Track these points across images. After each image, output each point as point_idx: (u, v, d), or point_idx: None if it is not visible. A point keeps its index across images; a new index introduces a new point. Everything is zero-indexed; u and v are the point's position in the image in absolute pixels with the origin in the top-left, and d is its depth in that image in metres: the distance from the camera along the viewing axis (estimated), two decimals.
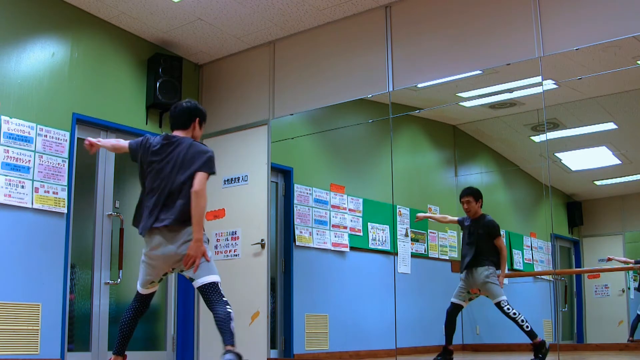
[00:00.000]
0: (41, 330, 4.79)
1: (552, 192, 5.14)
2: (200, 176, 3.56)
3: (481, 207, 5.28)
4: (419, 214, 5.94)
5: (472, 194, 5.29)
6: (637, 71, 4.59)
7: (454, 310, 5.09)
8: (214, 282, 3.57)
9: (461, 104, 5.68)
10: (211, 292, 3.56)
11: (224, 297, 3.56)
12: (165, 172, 3.63)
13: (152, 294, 3.80)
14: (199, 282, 3.57)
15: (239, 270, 5.81)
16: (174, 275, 6.00)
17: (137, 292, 3.77)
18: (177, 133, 3.78)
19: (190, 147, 3.65)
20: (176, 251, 3.56)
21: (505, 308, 4.85)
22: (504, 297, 4.91)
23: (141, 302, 3.78)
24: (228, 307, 3.51)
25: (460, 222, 5.46)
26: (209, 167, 3.62)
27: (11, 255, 4.73)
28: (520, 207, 6.69)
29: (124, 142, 3.88)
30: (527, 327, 4.75)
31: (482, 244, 5.12)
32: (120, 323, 3.73)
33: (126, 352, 3.79)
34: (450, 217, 5.66)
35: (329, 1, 5.30)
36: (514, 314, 4.81)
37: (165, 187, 3.61)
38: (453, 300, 5.12)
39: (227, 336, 3.44)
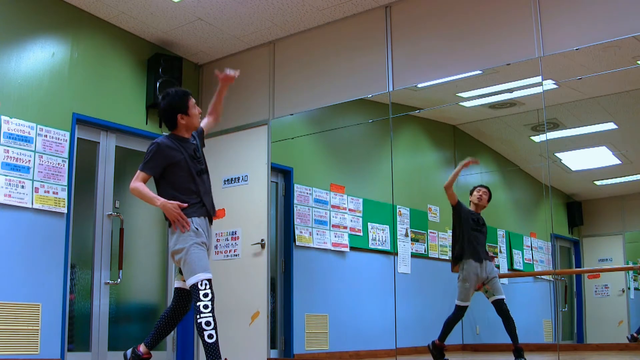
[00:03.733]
0: (41, 330, 4.79)
1: (552, 192, 5.14)
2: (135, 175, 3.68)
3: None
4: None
5: (489, 190, 5.26)
6: (637, 71, 4.59)
7: (462, 315, 4.97)
8: (194, 285, 3.43)
9: (461, 104, 5.68)
10: (193, 296, 3.45)
11: (198, 300, 3.37)
12: None
13: (186, 291, 3.63)
14: (186, 285, 3.53)
15: (239, 270, 5.81)
16: (173, 274, 5.99)
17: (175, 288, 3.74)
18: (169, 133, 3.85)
19: None
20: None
21: (507, 306, 4.79)
22: (504, 296, 4.88)
23: (176, 300, 3.68)
24: (200, 316, 3.33)
25: (460, 205, 5.15)
26: (141, 165, 3.68)
27: (11, 255, 4.73)
28: (520, 207, 6.69)
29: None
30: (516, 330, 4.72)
31: (485, 238, 5.12)
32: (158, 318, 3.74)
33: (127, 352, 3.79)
34: (452, 181, 5.15)
35: (329, 1, 5.30)
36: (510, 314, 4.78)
37: None
38: (463, 304, 4.90)
39: (207, 354, 3.30)
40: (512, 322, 4.74)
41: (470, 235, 5.02)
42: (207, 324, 3.32)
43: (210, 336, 3.30)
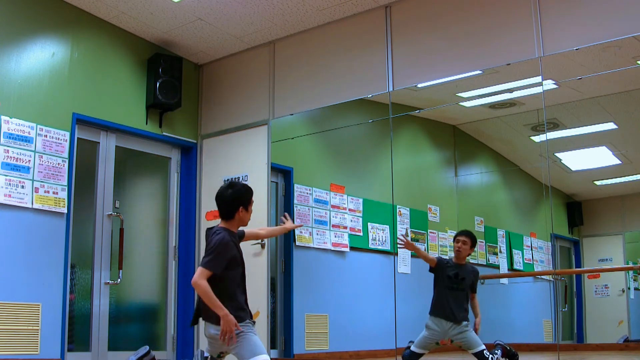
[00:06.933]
0: (41, 330, 4.79)
1: (552, 192, 5.14)
2: (198, 270, 3.42)
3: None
4: (405, 240, 4.87)
5: (470, 238, 4.64)
6: (637, 71, 4.59)
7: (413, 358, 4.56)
8: None
9: (461, 104, 5.68)
10: None
11: None
12: None
13: None
14: None
15: None
16: (173, 274, 6.02)
17: None
18: (222, 224, 3.59)
19: (209, 236, 3.54)
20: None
21: (489, 358, 4.34)
22: (483, 347, 4.39)
23: None
24: None
25: (439, 262, 4.63)
26: (204, 261, 3.42)
27: (11, 255, 4.73)
28: (520, 207, 6.69)
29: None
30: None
31: (464, 294, 4.56)
32: None
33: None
34: (430, 257, 4.72)
35: (329, 1, 5.30)
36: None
37: None
38: (416, 349, 4.52)
39: None
40: None
41: (442, 292, 4.56)
42: None
43: None
